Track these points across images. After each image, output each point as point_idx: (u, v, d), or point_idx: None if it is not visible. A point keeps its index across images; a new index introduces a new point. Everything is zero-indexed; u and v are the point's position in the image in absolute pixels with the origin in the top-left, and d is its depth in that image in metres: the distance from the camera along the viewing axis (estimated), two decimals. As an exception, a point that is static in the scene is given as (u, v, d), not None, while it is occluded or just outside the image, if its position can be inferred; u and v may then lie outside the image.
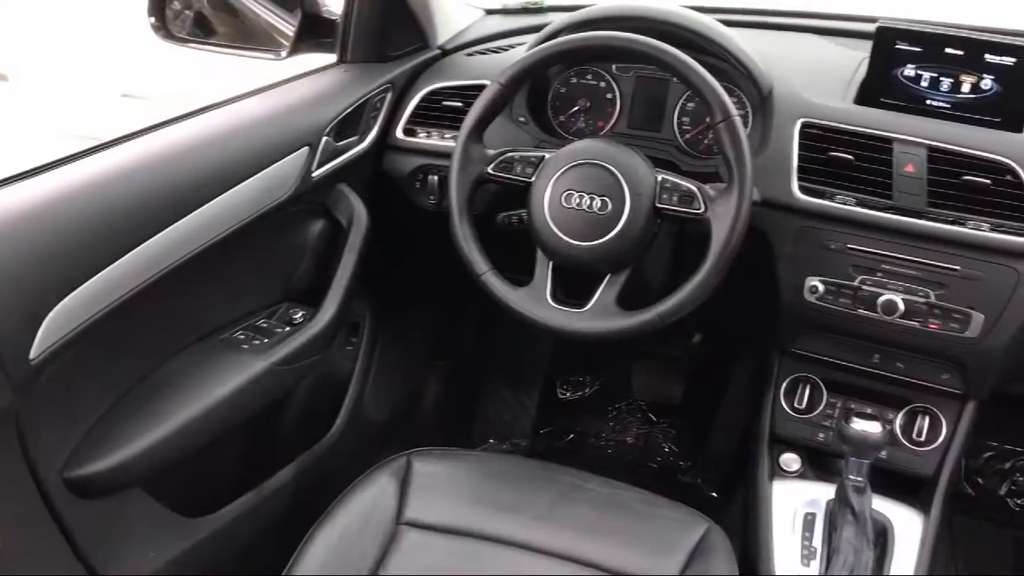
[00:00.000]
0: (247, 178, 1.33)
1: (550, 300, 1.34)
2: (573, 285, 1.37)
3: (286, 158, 1.41)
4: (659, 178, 1.32)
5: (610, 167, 1.31)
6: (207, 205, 1.25)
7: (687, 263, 1.30)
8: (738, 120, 1.27)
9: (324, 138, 1.49)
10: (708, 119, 1.32)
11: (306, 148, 1.45)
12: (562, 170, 1.33)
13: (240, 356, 1.35)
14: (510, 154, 1.38)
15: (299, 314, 1.49)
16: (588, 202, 1.30)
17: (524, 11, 1.93)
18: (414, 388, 2.13)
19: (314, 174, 1.48)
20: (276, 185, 1.40)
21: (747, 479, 1.57)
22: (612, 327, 1.30)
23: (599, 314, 1.31)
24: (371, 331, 1.82)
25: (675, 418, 2.35)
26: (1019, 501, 2.14)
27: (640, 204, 1.29)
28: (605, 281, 1.33)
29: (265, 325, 1.45)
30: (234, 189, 1.30)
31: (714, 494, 2.15)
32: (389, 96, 1.64)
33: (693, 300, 1.28)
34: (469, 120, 1.37)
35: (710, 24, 1.50)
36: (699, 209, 1.29)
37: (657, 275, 1.52)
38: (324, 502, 1.30)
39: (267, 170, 1.37)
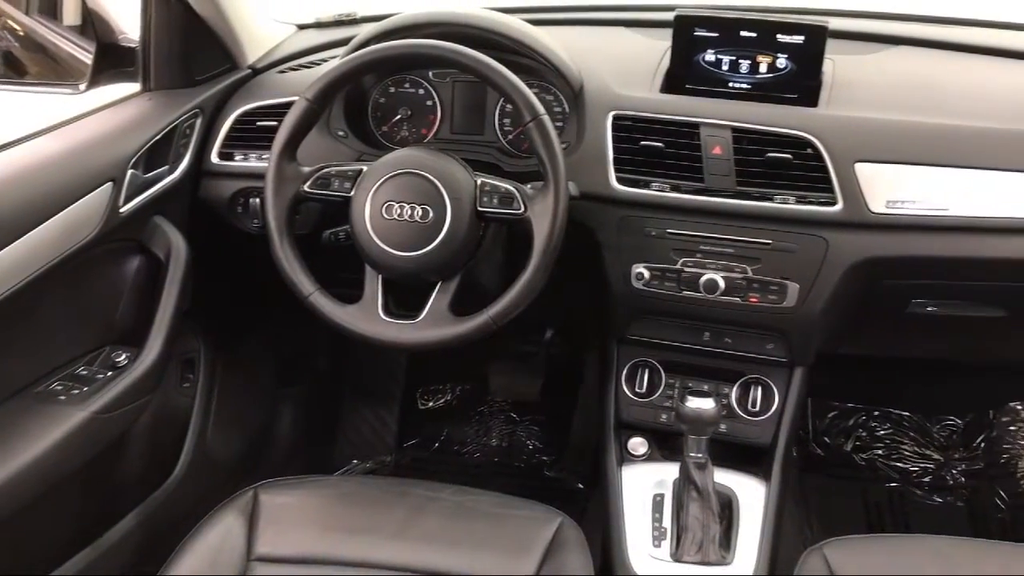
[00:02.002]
0: (43, 221, 1.26)
1: (382, 314, 1.32)
2: (405, 296, 1.36)
3: (87, 196, 1.34)
4: (478, 182, 1.32)
5: (427, 175, 1.30)
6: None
7: (520, 263, 1.30)
8: (547, 119, 1.28)
9: (130, 171, 1.43)
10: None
11: (110, 183, 1.38)
12: (380, 182, 1.31)
13: (56, 408, 1.28)
14: (327, 170, 1.36)
15: (123, 357, 1.42)
16: (409, 212, 1.29)
17: (338, 23, 1.89)
18: (265, 418, 2.07)
19: (122, 209, 1.42)
20: (79, 225, 1.33)
21: (598, 467, 1.59)
22: (446, 335, 1.30)
23: (432, 323, 1.31)
24: (208, 365, 1.76)
25: (536, 414, 2.37)
26: (864, 456, 2.26)
27: (461, 209, 1.29)
28: (436, 289, 1.32)
29: (85, 372, 1.38)
30: (30, 234, 1.23)
31: (580, 485, 2.18)
32: (199, 121, 1.59)
33: (523, 300, 1.29)
34: (279, 139, 1.34)
35: (516, 24, 1.51)
36: (519, 209, 1.30)
37: (492, 277, 1.52)
38: (171, 550, 1.24)
39: (67, 210, 1.30)
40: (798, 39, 1.43)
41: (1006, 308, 1.50)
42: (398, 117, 1.62)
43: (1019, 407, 2.26)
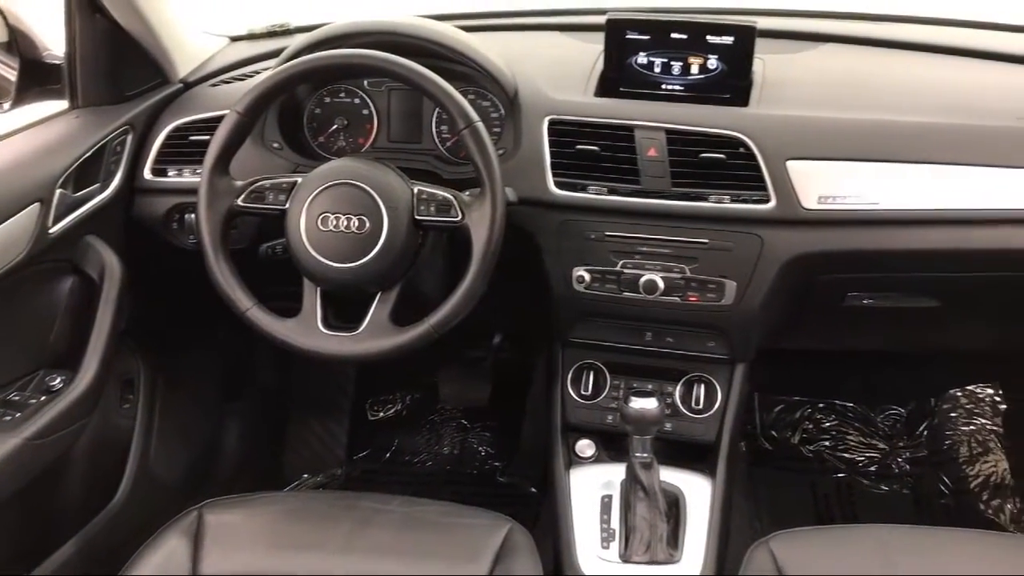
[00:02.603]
0: None
1: (321, 327, 1.31)
2: (345, 308, 1.35)
3: (13, 218, 1.31)
4: (415, 190, 1.32)
5: (363, 185, 1.29)
6: None
7: (463, 271, 1.30)
8: (481, 126, 1.28)
9: (58, 191, 1.40)
10: None
11: (37, 204, 1.36)
12: (315, 193, 1.30)
13: None
14: (260, 183, 1.34)
15: (57, 380, 1.39)
16: (345, 223, 1.29)
17: (271, 35, 1.88)
18: (210, 436, 2.04)
19: (52, 230, 1.39)
20: (6, 247, 1.30)
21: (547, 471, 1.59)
22: (387, 346, 1.29)
23: (373, 334, 1.30)
24: (148, 384, 1.73)
25: (488, 420, 2.37)
26: (811, 448, 2.29)
27: (398, 219, 1.29)
28: (376, 300, 1.32)
29: (17, 398, 1.34)
30: None
31: (533, 489, 2.18)
32: (130, 138, 1.56)
33: (463, 307, 1.28)
34: (210, 154, 1.32)
35: (449, 32, 1.51)
36: (457, 217, 1.29)
37: (434, 286, 1.52)
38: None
39: None
40: (727, 40, 1.45)
41: (939, 298, 1.53)
42: (334, 127, 1.61)
43: (959, 394, 2.31)
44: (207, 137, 1.53)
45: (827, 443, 2.29)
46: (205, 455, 2.00)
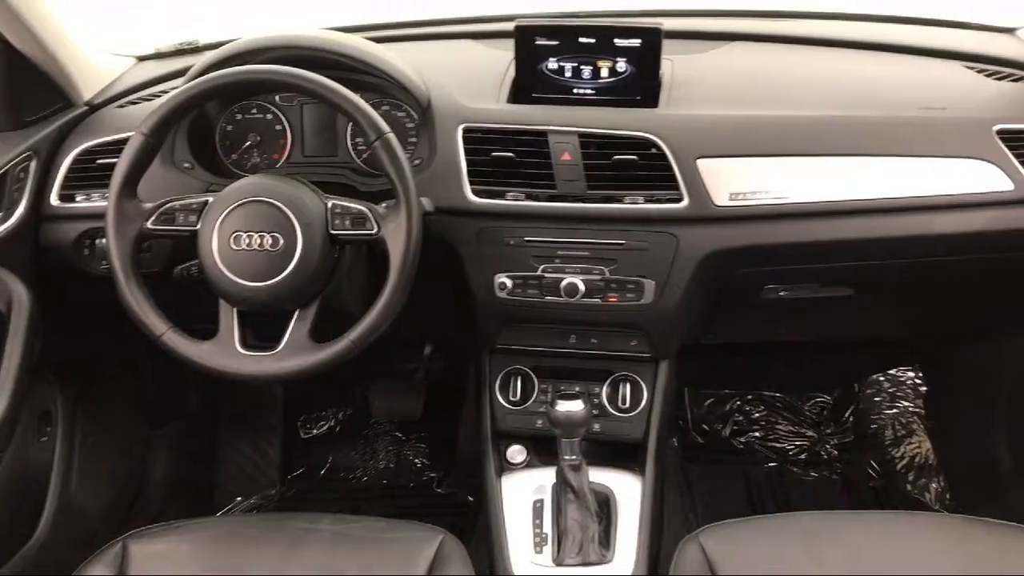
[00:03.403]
0: None
1: (239, 348, 1.29)
2: (264, 327, 1.33)
3: None
4: (329, 204, 1.30)
5: (274, 202, 1.28)
6: None
7: (382, 284, 1.29)
8: (392, 137, 1.27)
9: None
10: None
11: None
12: (226, 212, 1.28)
13: None
14: (170, 204, 1.32)
15: None
16: (259, 241, 1.27)
17: (179, 53, 1.85)
18: (136, 464, 1.99)
19: None
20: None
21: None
22: (307, 363, 1.28)
23: (292, 352, 1.28)
24: (67, 416, 1.68)
25: (422, 432, 2.36)
26: (742, 439, 2.33)
27: (312, 234, 1.27)
28: (295, 318, 1.30)
29: None
30: None
31: (471, 498, 2.17)
32: (34, 164, 1.52)
33: (383, 320, 1.27)
34: (116, 177, 1.29)
35: (358, 44, 1.50)
36: (372, 229, 1.29)
37: (356, 300, 1.50)
38: None
39: None
40: (635, 42, 1.47)
41: (853, 287, 1.57)
42: (248, 144, 1.59)
43: (881, 378, 2.37)
44: (115, 160, 1.50)
45: (758, 434, 2.34)
46: (132, 485, 1.96)
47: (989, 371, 1.96)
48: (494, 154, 1.44)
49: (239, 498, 2.21)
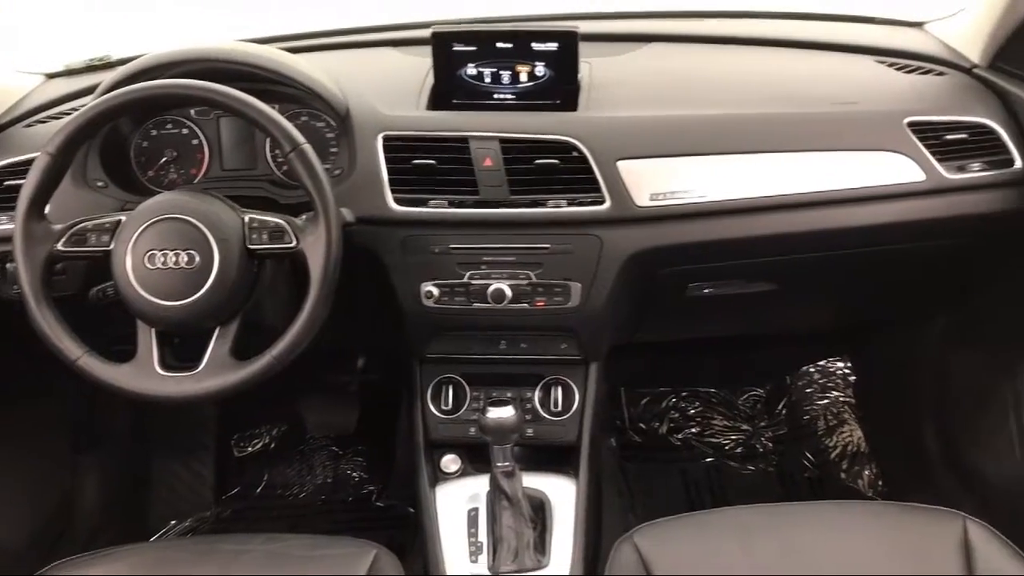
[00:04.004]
0: None
1: (159, 369, 1.26)
2: (185, 347, 1.30)
3: None
4: (246, 219, 1.28)
5: (189, 218, 1.25)
6: None
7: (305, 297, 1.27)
8: (308, 148, 1.26)
9: None
10: None
11: None
12: (139, 231, 1.25)
13: None
14: (81, 225, 1.28)
15: None
16: (174, 259, 1.24)
17: (90, 69, 1.79)
18: (62, 492, 1.93)
19: None
20: None
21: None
22: (229, 382, 1.25)
23: (213, 371, 1.26)
24: (-19, 444, 1.63)
25: (359, 445, 2.33)
26: (679, 436, 2.35)
27: (229, 250, 1.25)
28: (215, 336, 1.27)
29: None
30: None
31: (411, 509, 2.15)
32: None
33: (306, 334, 1.25)
34: (22, 199, 1.25)
35: (271, 54, 1.48)
36: (291, 243, 1.27)
37: (279, 315, 1.48)
38: None
39: None
40: (552, 46, 1.47)
41: (776, 281, 1.60)
42: (164, 160, 1.55)
43: (812, 370, 2.41)
44: (22, 181, 1.46)
45: (694, 430, 2.36)
46: (58, 513, 1.90)
47: (912, 358, 2.01)
48: (415, 162, 1.43)
49: (173, 521, 2.16)
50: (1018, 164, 1.46)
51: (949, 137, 1.45)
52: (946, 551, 1.19)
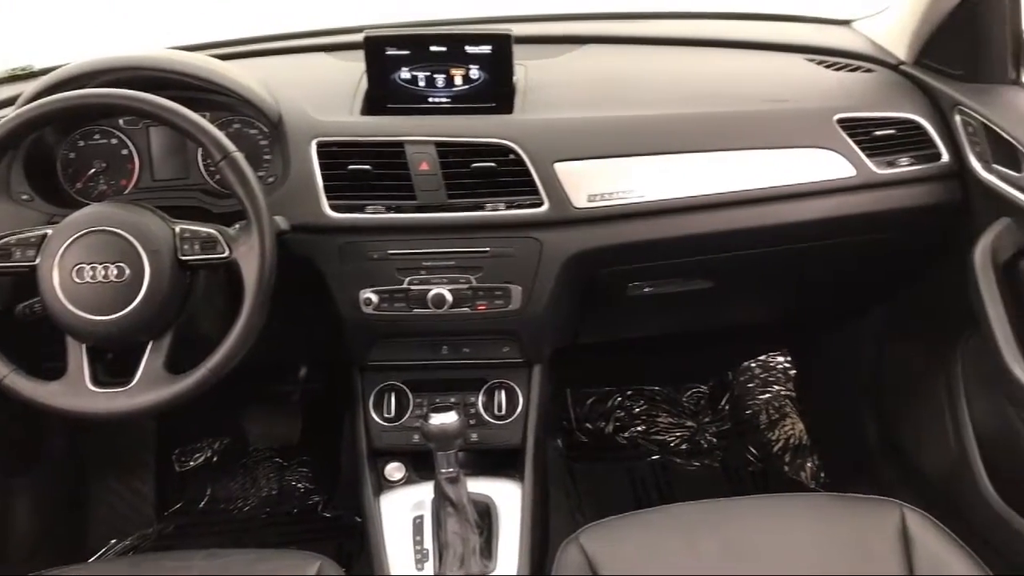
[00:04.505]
0: None
1: (90, 385, 1.23)
2: (118, 362, 1.27)
3: None
4: (177, 229, 1.26)
5: (117, 230, 1.22)
6: None
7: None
8: (239, 155, 1.24)
9: None
10: None
11: None
12: (66, 245, 1.22)
13: None
14: (5, 239, 1.24)
15: None
16: (103, 272, 1.21)
17: (12, 79, 1.74)
18: (-4, 515, 1.88)
19: None
20: None
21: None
22: (163, 397, 1.22)
23: (147, 386, 1.23)
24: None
25: (303, 455, 2.30)
26: (625, 435, 2.36)
27: (160, 262, 1.22)
28: (148, 350, 1.25)
29: None
30: None
31: (358, 518, 2.13)
32: None
33: (242, 345, 1.23)
34: None
35: (199, 62, 1.45)
36: (223, 252, 1.25)
37: (215, 326, 1.45)
38: None
39: None
40: (486, 49, 1.46)
41: (713, 279, 1.61)
42: (92, 171, 1.51)
43: (753, 365, 2.44)
44: (-57, 196, 1.42)
45: (640, 428, 2.37)
46: None
47: (849, 351, 2.05)
48: (351, 167, 1.41)
49: (113, 540, 2.11)
50: (945, 158, 1.49)
51: (878, 133, 1.48)
52: (885, 540, 1.21)
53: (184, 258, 1.25)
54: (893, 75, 1.61)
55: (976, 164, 1.45)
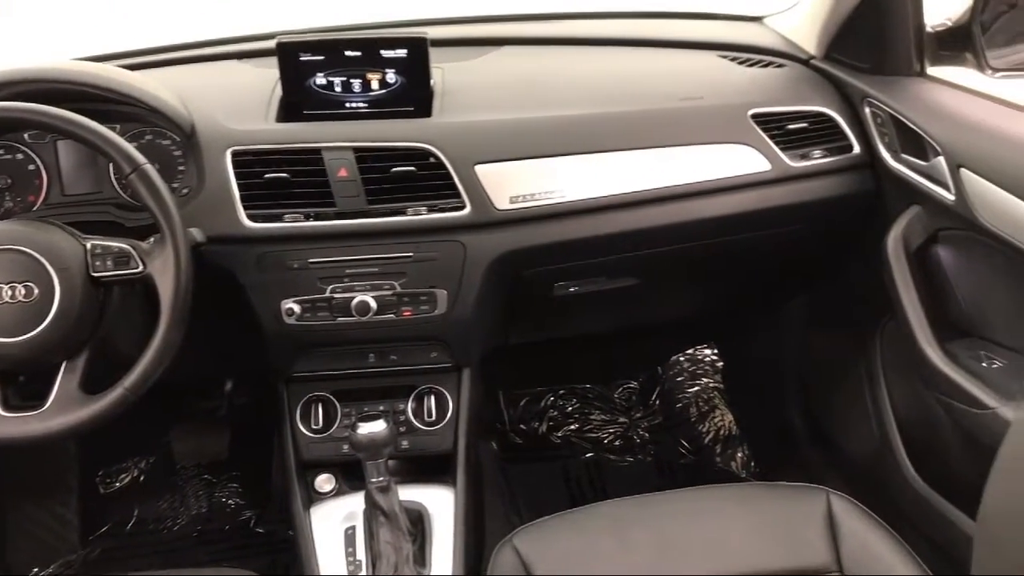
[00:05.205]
0: None
1: (1, 410, 1.19)
2: (30, 384, 1.23)
3: None
4: (88, 246, 1.22)
5: (24, 249, 1.18)
6: None
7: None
8: (149, 168, 1.21)
9: None
10: None
11: None
12: None
13: None
14: None
15: None
16: (10, 293, 1.17)
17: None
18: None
19: None
20: None
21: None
22: (80, 418, 1.19)
23: (62, 409, 1.19)
24: None
25: (233, 471, 2.25)
26: (559, 434, 2.37)
27: (71, 280, 1.19)
28: (62, 370, 1.21)
29: None
30: None
31: (291, 532, 2.09)
32: None
33: (160, 362, 1.21)
34: None
35: (107, 73, 1.41)
36: (137, 267, 1.22)
37: (134, 343, 1.41)
38: None
39: None
40: (401, 53, 1.45)
41: (637, 276, 1.62)
42: None
43: (681, 359, 2.47)
44: None
45: (573, 427, 2.38)
46: None
47: (774, 342, 2.09)
48: (267, 176, 1.39)
49: (36, 569, 2.04)
50: (856, 149, 1.53)
51: (791, 127, 1.51)
52: (812, 526, 1.23)
53: (96, 275, 1.21)
54: (804, 70, 1.64)
55: (886, 154, 1.49)
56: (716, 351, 2.46)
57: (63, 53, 1.75)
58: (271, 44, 1.48)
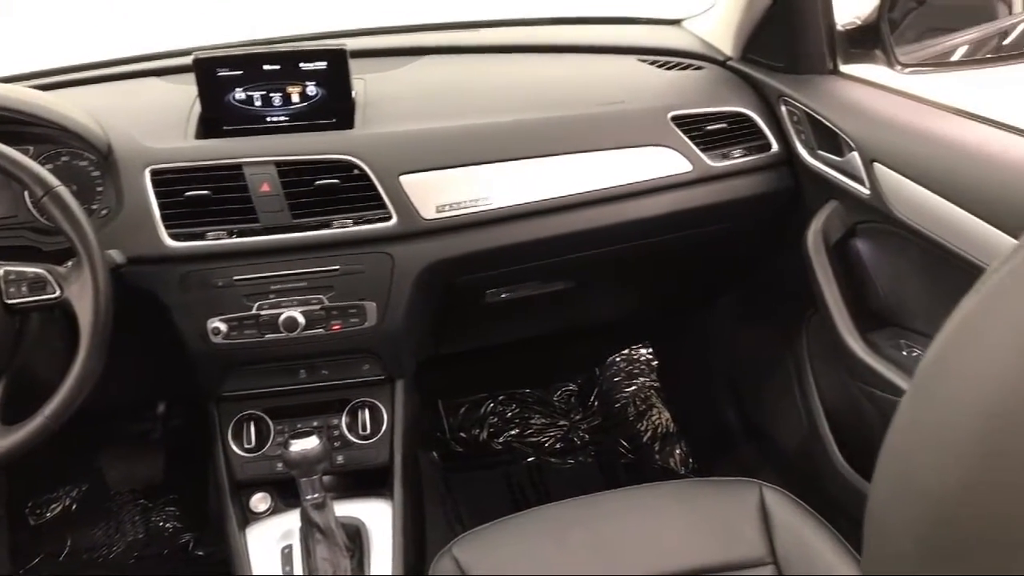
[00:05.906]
0: None
1: None
2: None
3: None
4: (1, 272, 1.18)
5: None
6: None
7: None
8: (63, 190, 1.18)
9: None
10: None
11: None
12: None
13: None
14: None
15: None
16: None
17: None
18: None
19: None
20: None
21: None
22: None
23: None
24: None
25: (169, 494, 2.21)
26: (500, 440, 2.37)
27: None
28: None
29: None
30: None
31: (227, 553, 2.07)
32: None
33: (82, 389, 1.18)
34: None
35: (17, 94, 1.37)
36: (54, 293, 1.19)
37: (55, 370, 1.38)
38: None
39: None
40: (321, 65, 1.44)
41: (569, 280, 1.64)
42: None
43: (618, 359, 2.50)
44: None
45: (514, 432, 2.38)
46: None
47: (705, 339, 2.12)
48: (188, 194, 1.36)
49: (-36, 609, 1.98)
50: (775, 148, 1.56)
51: (710, 127, 1.53)
52: (746, 519, 1.25)
53: (10, 302, 1.18)
54: (722, 71, 1.67)
55: (803, 151, 1.52)
56: (651, 350, 2.48)
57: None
58: (187, 60, 1.46)
